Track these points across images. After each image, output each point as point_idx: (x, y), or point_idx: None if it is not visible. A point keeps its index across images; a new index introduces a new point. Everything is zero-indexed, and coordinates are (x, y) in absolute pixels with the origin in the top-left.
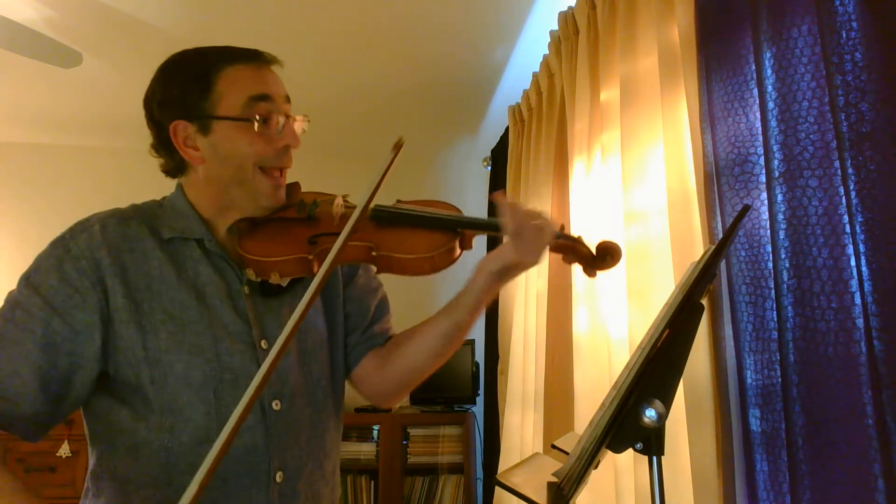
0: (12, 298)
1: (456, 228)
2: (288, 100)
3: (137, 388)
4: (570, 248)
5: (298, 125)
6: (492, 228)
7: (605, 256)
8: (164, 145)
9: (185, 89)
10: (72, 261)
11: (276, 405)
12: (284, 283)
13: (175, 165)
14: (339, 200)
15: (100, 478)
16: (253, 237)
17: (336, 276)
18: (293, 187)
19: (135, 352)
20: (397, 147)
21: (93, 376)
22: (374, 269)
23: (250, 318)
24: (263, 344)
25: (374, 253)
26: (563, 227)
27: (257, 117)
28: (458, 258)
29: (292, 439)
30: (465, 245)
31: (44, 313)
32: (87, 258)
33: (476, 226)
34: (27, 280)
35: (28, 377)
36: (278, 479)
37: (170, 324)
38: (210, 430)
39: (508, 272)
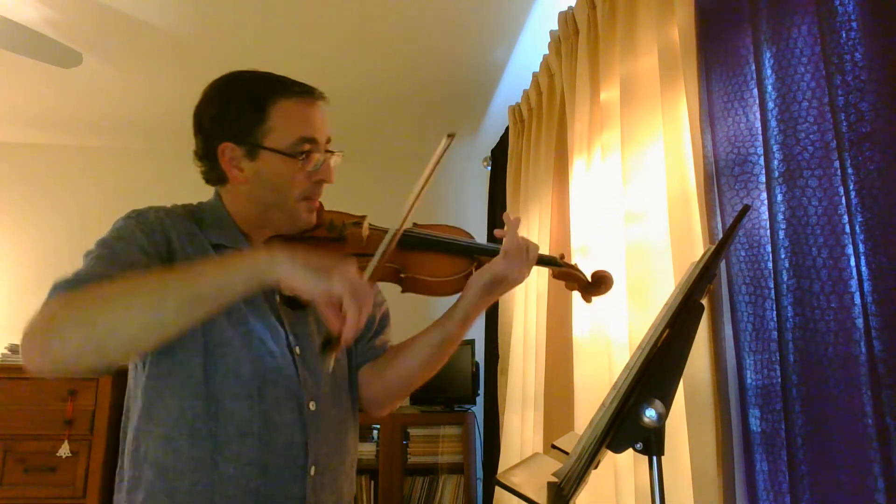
0: (106, 240)
1: (473, 255)
2: (329, 140)
3: (190, 373)
4: (569, 275)
5: (335, 159)
6: None
7: (600, 284)
8: (208, 157)
9: (240, 113)
10: (148, 229)
11: (312, 406)
12: None
13: (216, 176)
14: (366, 223)
15: (139, 466)
16: None
17: None
18: (318, 207)
19: (195, 337)
20: (446, 143)
21: None
22: (400, 288)
23: (286, 324)
24: (297, 350)
25: (402, 275)
26: (562, 256)
27: (302, 156)
28: None
29: (323, 437)
30: None
31: (142, 255)
32: (159, 231)
33: (490, 252)
34: (116, 230)
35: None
36: (312, 473)
37: (224, 317)
38: (252, 424)
39: (496, 285)
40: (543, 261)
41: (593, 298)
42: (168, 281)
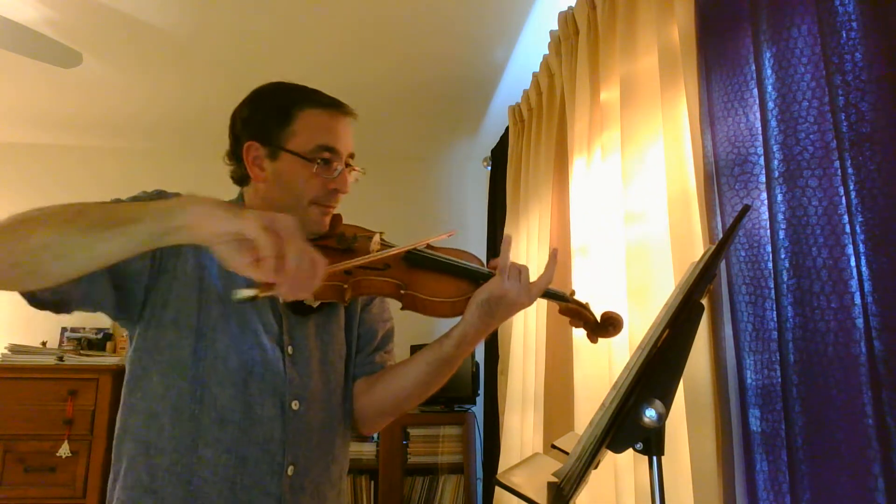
0: (117, 199)
1: (478, 280)
2: (352, 156)
3: (179, 354)
4: (576, 313)
5: (353, 175)
6: None
7: (608, 326)
8: (235, 157)
9: (267, 116)
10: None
11: (294, 405)
12: (316, 304)
13: (241, 175)
14: (376, 238)
15: (123, 441)
16: None
17: (356, 299)
18: (335, 218)
19: (188, 319)
20: (448, 234)
21: (107, 292)
22: (400, 304)
23: (283, 324)
24: (290, 350)
25: (402, 291)
26: (573, 293)
27: (319, 161)
28: None
29: (305, 439)
30: None
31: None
32: None
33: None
34: (132, 196)
35: None
36: (290, 473)
37: (220, 305)
38: (234, 413)
39: (494, 305)
40: (551, 294)
41: (599, 340)
42: (91, 205)
